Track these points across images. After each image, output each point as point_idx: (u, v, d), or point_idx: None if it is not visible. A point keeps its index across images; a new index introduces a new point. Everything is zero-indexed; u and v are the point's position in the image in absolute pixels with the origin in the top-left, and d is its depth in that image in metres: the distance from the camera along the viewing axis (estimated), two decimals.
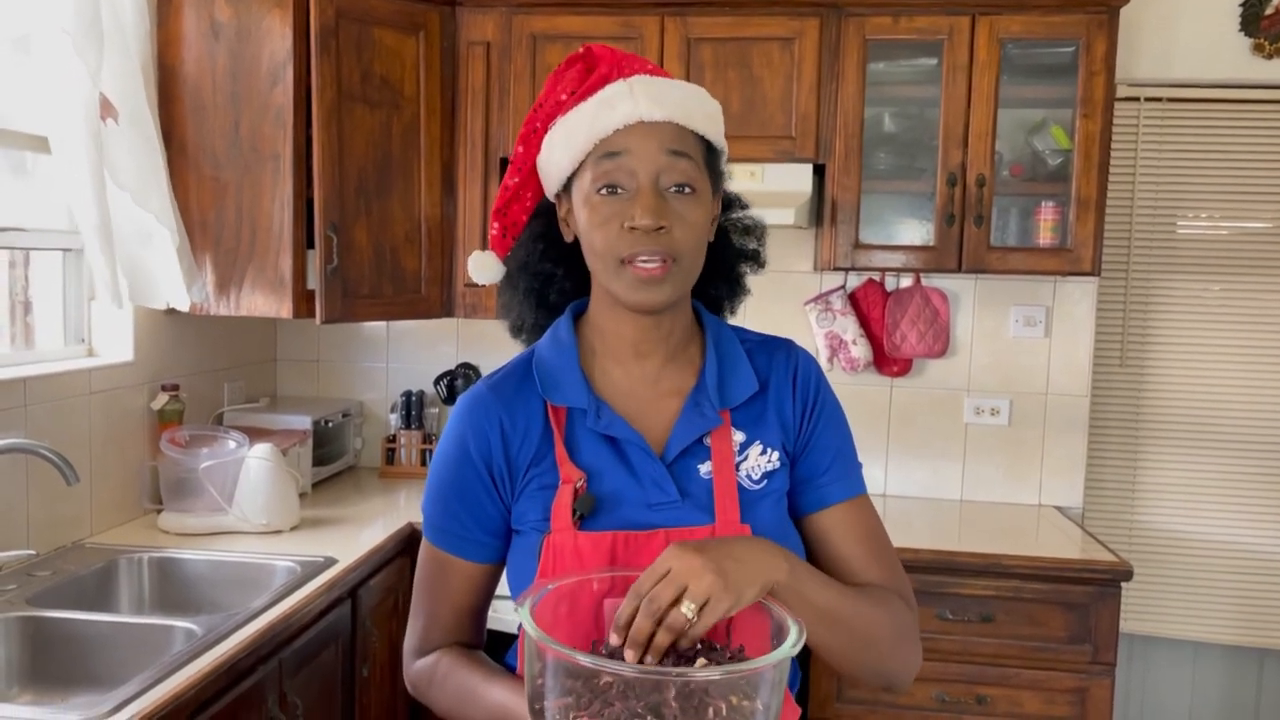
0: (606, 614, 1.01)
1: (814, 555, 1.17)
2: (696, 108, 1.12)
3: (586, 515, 1.09)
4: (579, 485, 1.10)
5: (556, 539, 1.08)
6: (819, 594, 1.04)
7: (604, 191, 1.09)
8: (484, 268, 1.22)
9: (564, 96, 1.14)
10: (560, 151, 1.12)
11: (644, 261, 1.07)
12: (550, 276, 1.22)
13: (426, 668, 1.19)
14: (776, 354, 1.21)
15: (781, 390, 1.18)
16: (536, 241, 1.21)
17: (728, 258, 1.24)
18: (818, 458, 1.17)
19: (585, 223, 1.11)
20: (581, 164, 1.11)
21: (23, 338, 2.36)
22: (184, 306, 2.45)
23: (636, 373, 1.17)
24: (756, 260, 1.26)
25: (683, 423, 1.14)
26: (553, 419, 1.14)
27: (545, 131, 1.15)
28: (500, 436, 1.14)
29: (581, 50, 1.16)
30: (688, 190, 1.09)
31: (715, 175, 1.16)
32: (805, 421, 1.17)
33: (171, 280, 2.42)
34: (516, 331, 1.26)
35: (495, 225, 1.21)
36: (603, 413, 1.13)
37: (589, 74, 1.14)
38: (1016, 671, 2.46)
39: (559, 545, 1.08)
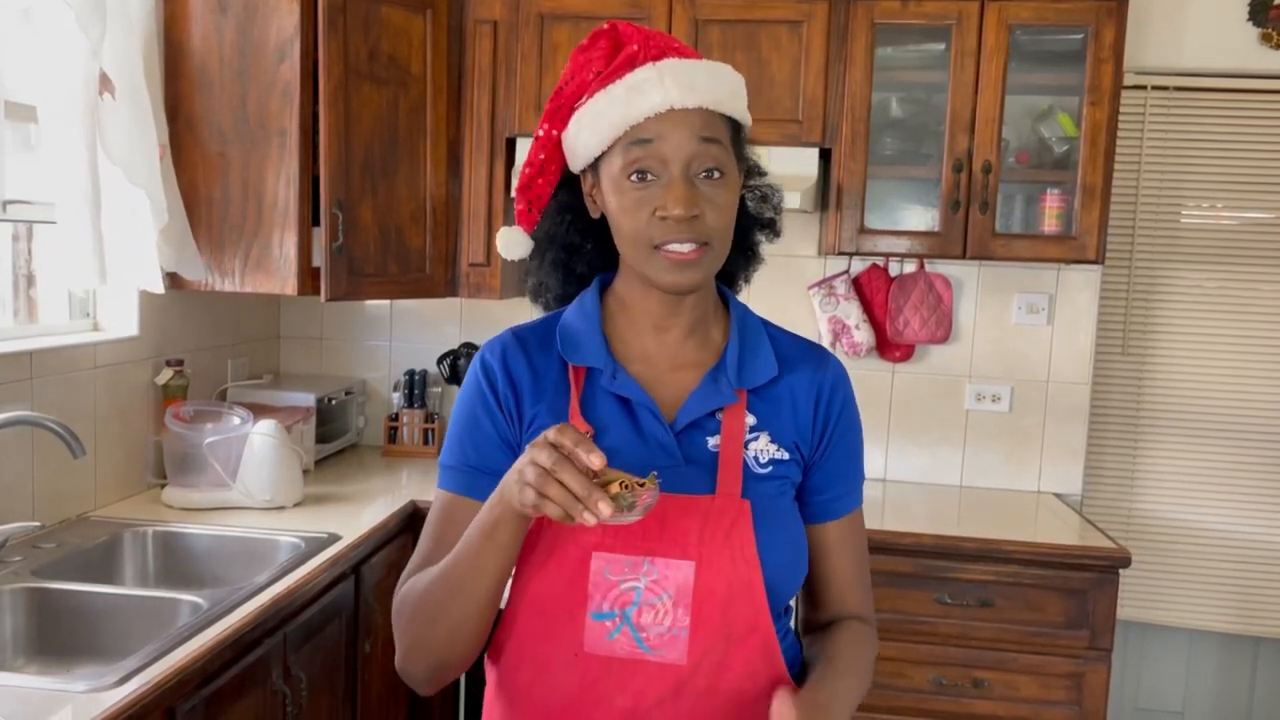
0: (593, 571, 1.08)
1: (809, 560, 1.22)
2: (726, 89, 1.12)
3: None
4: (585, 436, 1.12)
5: None
6: (847, 713, 1.13)
7: (634, 178, 1.09)
8: (512, 243, 1.22)
9: (590, 76, 1.13)
10: (588, 133, 1.12)
11: (676, 246, 1.09)
12: (578, 248, 1.22)
13: (403, 588, 1.16)
14: (806, 358, 1.22)
15: (804, 398, 1.20)
16: (564, 213, 1.21)
17: (743, 226, 1.23)
18: (829, 473, 1.21)
19: (615, 207, 1.12)
20: (610, 147, 1.11)
21: (26, 312, 2.36)
22: (158, 289, 2.37)
23: (655, 345, 1.19)
24: (772, 229, 1.26)
25: (698, 394, 1.16)
26: (571, 377, 1.17)
27: (571, 109, 1.15)
28: (514, 370, 1.18)
29: (607, 26, 1.15)
30: (717, 175, 1.09)
31: (740, 153, 1.16)
32: (822, 441, 1.20)
33: (149, 261, 2.35)
34: (536, 295, 1.26)
35: (520, 201, 1.20)
36: (618, 374, 1.16)
37: (616, 52, 1.13)
38: (1014, 656, 2.48)
39: None
